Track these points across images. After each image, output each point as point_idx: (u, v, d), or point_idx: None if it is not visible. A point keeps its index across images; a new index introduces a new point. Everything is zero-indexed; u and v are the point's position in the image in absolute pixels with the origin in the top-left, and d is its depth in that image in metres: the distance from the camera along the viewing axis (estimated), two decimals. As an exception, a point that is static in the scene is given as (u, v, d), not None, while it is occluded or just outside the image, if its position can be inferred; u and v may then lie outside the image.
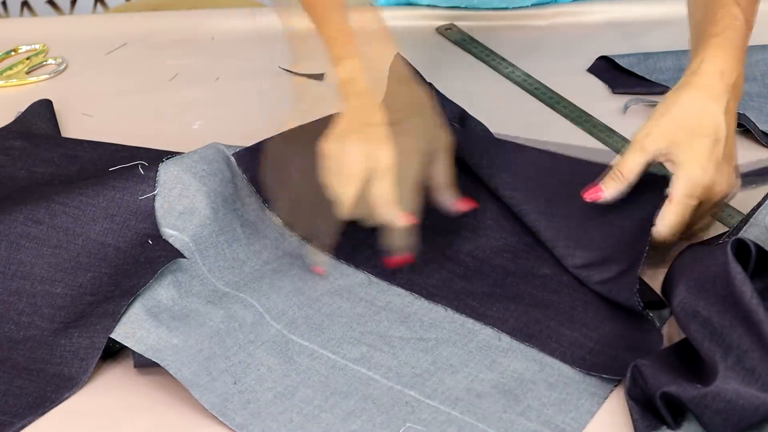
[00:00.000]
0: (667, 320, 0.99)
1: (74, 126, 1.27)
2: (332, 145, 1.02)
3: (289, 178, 1.08)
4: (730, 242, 0.92)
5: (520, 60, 1.38)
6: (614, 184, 1.06)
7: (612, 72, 1.36)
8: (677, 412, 0.88)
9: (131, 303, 0.95)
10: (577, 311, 1.00)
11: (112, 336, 0.93)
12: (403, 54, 1.28)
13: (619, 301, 1.00)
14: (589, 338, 0.97)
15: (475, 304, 1.01)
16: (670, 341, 0.96)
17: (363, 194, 1.02)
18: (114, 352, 0.95)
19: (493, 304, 1.01)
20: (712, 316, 0.90)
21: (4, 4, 2.59)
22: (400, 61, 1.08)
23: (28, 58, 1.40)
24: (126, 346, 0.94)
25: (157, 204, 1.02)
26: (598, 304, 1.01)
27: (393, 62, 1.08)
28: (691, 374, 0.89)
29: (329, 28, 1.08)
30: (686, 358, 0.92)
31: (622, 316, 0.99)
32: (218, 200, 1.04)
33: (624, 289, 0.99)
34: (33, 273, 1.00)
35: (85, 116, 1.29)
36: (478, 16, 1.45)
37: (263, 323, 0.98)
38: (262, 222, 1.08)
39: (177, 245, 1.00)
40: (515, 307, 1.00)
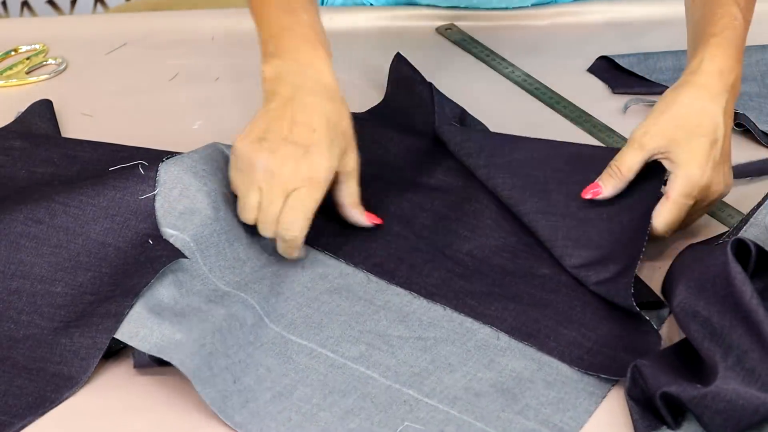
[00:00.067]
0: (667, 320, 0.99)
1: (74, 126, 1.27)
2: (244, 149, 1.01)
3: None
4: (730, 242, 0.92)
5: (520, 60, 1.38)
6: (612, 181, 1.06)
7: (612, 72, 1.36)
8: (677, 412, 0.88)
9: (133, 303, 0.95)
10: (575, 311, 1.00)
11: (116, 336, 0.93)
12: (403, 54, 1.29)
13: (617, 300, 1.00)
14: (587, 338, 0.97)
15: (473, 304, 1.00)
16: (670, 341, 0.96)
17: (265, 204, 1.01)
18: (114, 352, 0.95)
19: (492, 303, 1.01)
20: (712, 316, 0.90)
21: (4, 4, 2.59)
22: (327, 71, 1.05)
23: (28, 58, 1.40)
24: (126, 347, 0.95)
25: (158, 204, 1.02)
26: (597, 304, 1.01)
27: (321, 74, 1.05)
28: (691, 374, 0.89)
29: (270, 25, 1.07)
30: (686, 358, 0.92)
31: (620, 316, 0.99)
32: (219, 200, 1.04)
33: (621, 289, 0.99)
34: (33, 272, 1.00)
35: (85, 116, 1.29)
36: (478, 16, 1.45)
37: (263, 325, 0.97)
38: (262, 222, 1.08)
39: (178, 245, 1.00)
40: (514, 307, 1.00)
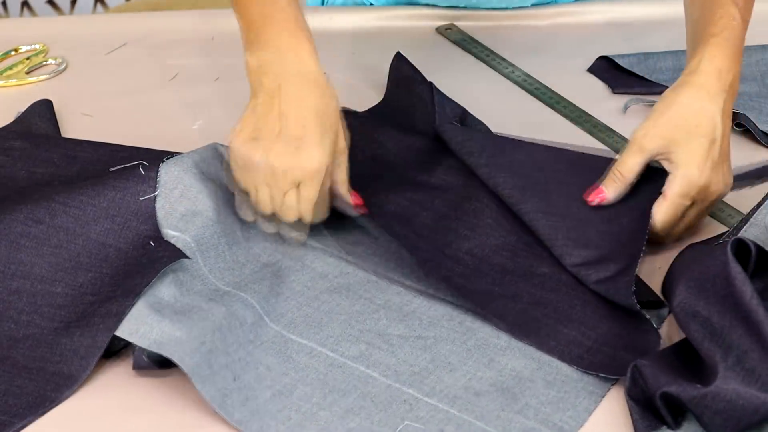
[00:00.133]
0: (667, 320, 0.99)
1: (74, 126, 1.27)
2: (241, 150, 1.01)
3: None
4: (730, 242, 0.92)
5: (520, 60, 1.38)
6: (615, 185, 1.06)
7: (612, 72, 1.36)
8: (677, 412, 0.88)
9: (134, 302, 0.94)
10: (575, 310, 1.00)
11: (116, 333, 0.93)
12: (403, 54, 1.29)
13: (617, 300, 0.99)
14: (587, 337, 0.97)
15: (473, 303, 1.00)
16: (670, 341, 0.96)
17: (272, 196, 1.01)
18: (115, 351, 0.95)
19: (492, 302, 1.01)
20: (712, 316, 0.90)
21: (4, 4, 2.59)
22: (309, 56, 1.04)
23: (28, 58, 1.40)
24: (126, 347, 0.95)
25: (158, 205, 1.02)
26: (597, 303, 1.01)
27: (303, 60, 1.04)
28: (691, 374, 0.89)
29: (251, 14, 1.06)
30: (686, 358, 0.91)
31: (620, 315, 0.99)
32: (219, 202, 1.04)
33: (621, 289, 0.99)
34: (33, 272, 1.00)
35: (85, 116, 1.29)
36: (478, 16, 1.45)
37: (263, 324, 0.97)
38: (261, 223, 1.08)
39: (179, 245, 1.00)
40: (514, 306, 1.00)
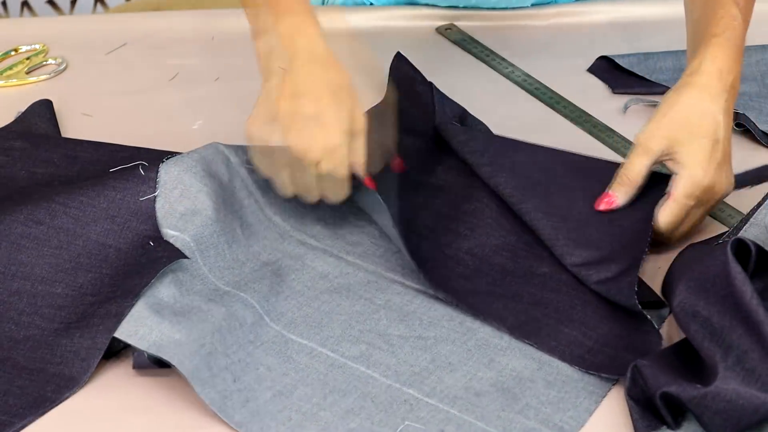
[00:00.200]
0: (667, 320, 0.99)
1: (74, 126, 1.27)
2: (259, 134, 1.02)
3: None
4: (730, 242, 0.92)
5: (520, 60, 1.38)
6: (624, 189, 1.06)
7: (612, 72, 1.36)
8: (677, 412, 0.88)
9: (133, 303, 0.94)
10: (576, 310, 1.00)
11: (115, 334, 0.93)
12: (403, 54, 1.29)
13: (618, 301, 0.99)
14: (588, 337, 0.97)
15: (474, 303, 1.00)
16: (670, 341, 0.96)
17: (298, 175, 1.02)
18: (115, 352, 0.95)
19: (492, 302, 1.00)
20: (712, 316, 0.90)
21: (4, 4, 2.59)
22: (317, 35, 1.05)
23: (28, 58, 1.40)
24: (126, 347, 0.95)
25: (158, 205, 1.02)
26: (597, 303, 1.01)
27: (311, 40, 1.04)
28: (691, 374, 0.89)
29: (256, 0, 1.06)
30: (686, 358, 0.91)
31: (621, 315, 0.99)
32: (219, 201, 1.04)
33: (623, 289, 0.99)
34: (33, 273, 1.00)
35: (85, 116, 1.29)
36: (478, 16, 1.45)
37: (263, 324, 0.97)
38: (260, 223, 1.08)
39: (178, 245, 1.00)
40: (514, 306, 1.00)
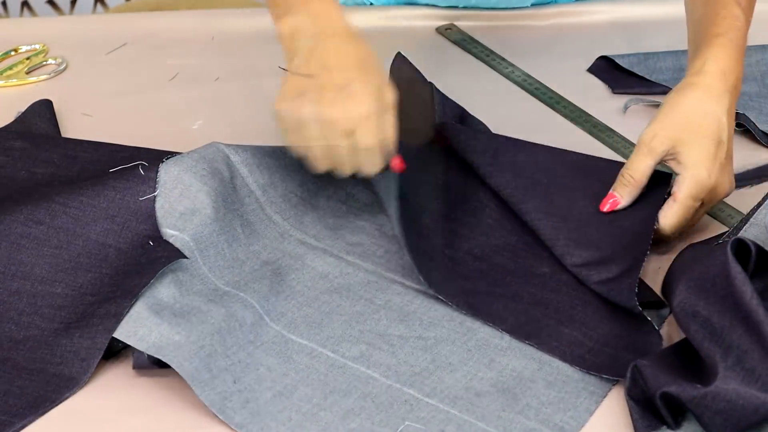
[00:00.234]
0: (667, 320, 0.99)
1: (74, 126, 1.27)
2: (288, 110, 1.01)
3: None
4: (730, 242, 0.92)
5: (520, 60, 1.38)
6: (627, 189, 1.06)
7: (612, 72, 1.36)
8: (677, 412, 0.88)
9: (133, 303, 0.94)
10: (576, 310, 1.00)
11: (114, 335, 0.93)
12: (403, 54, 1.29)
13: (619, 301, 0.99)
14: (588, 337, 0.97)
15: (474, 303, 1.00)
16: (670, 341, 0.96)
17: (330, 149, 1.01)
18: (115, 352, 0.95)
19: (493, 302, 1.00)
20: (712, 316, 0.90)
21: (4, 4, 2.59)
22: (340, 17, 1.04)
23: (28, 58, 1.40)
24: (126, 348, 0.95)
25: (158, 205, 1.02)
26: (598, 304, 1.01)
27: (335, 20, 1.04)
28: (691, 374, 0.89)
29: None
30: (686, 358, 0.91)
31: (621, 315, 0.99)
32: (219, 200, 1.04)
33: (624, 290, 0.99)
34: (33, 273, 1.00)
35: (85, 116, 1.29)
36: (478, 16, 1.45)
37: (263, 324, 0.97)
38: (261, 222, 1.08)
39: (178, 245, 1.00)
40: (514, 306, 1.00)
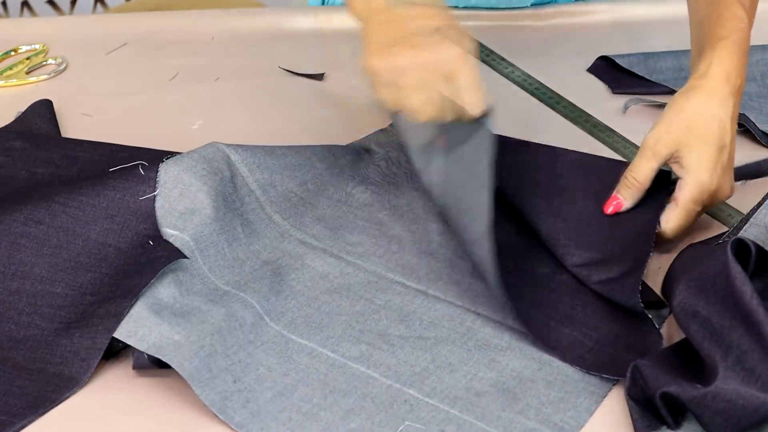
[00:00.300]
0: (667, 320, 0.99)
1: (74, 126, 1.27)
2: (382, 63, 1.00)
3: None
4: (730, 242, 0.92)
5: (520, 60, 1.38)
6: (631, 191, 1.06)
7: (612, 72, 1.36)
8: (677, 412, 0.88)
9: (133, 303, 0.95)
10: (576, 310, 1.00)
11: (115, 335, 0.93)
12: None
13: (620, 301, 0.99)
14: (588, 338, 0.97)
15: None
16: (670, 341, 0.96)
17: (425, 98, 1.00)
18: (115, 352, 0.95)
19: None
20: (712, 316, 0.90)
21: (4, 4, 2.59)
22: None
23: (28, 58, 1.40)
24: (126, 348, 0.95)
25: (158, 204, 1.02)
26: (598, 304, 1.01)
27: None
28: (691, 374, 0.89)
29: None
30: (686, 358, 0.91)
31: (621, 315, 0.99)
32: (219, 199, 1.04)
33: (626, 289, 0.99)
34: (33, 273, 1.00)
35: (85, 116, 1.29)
36: (478, 16, 1.45)
37: (263, 324, 0.97)
38: (261, 222, 1.08)
39: (177, 244, 1.00)
40: (514, 306, 1.00)
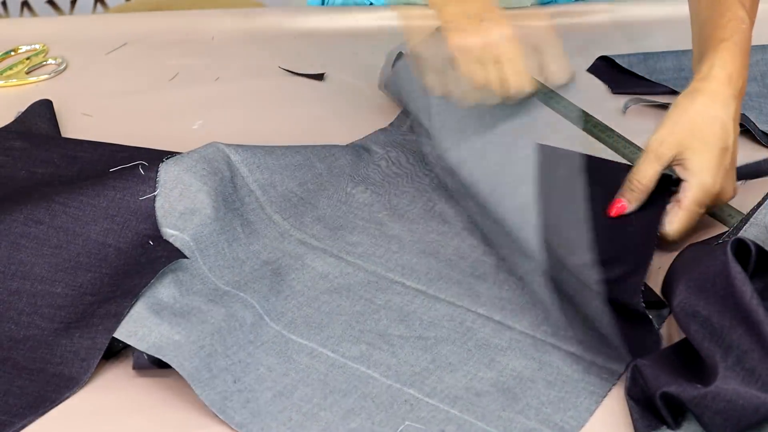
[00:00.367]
0: (667, 320, 0.99)
1: (74, 126, 1.27)
2: (470, 38, 1.02)
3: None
4: (730, 242, 0.92)
5: (520, 60, 1.37)
6: (635, 194, 1.06)
7: (612, 72, 1.36)
8: (677, 412, 0.88)
9: (133, 303, 0.95)
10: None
11: (115, 335, 0.93)
12: (403, 54, 1.29)
13: (621, 299, 0.99)
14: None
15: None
16: (670, 341, 0.96)
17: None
18: (115, 352, 0.95)
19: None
20: (712, 316, 0.90)
21: (4, 4, 2.59)
22: None
23: (28, 58, 1.40)
24: (126, 348, 0.95)
25: (158, 204, 1.03)
26: (598, 304, 1.01)
27: None
28: (691, 374, 0.89)
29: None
30: (686, 358, 0.91)
31: (622, 316, 0.99)
32: (219, 199, 1.04)
33: (628, 290, 0.99)
34: (33, 273, 1.00)
35: (85, 116, 1.29)
36: (479, 16, 1.45)
37: (263, 324, 0.97)
38: (261, 221, 1.08)
39: (177, 244, 1.00)
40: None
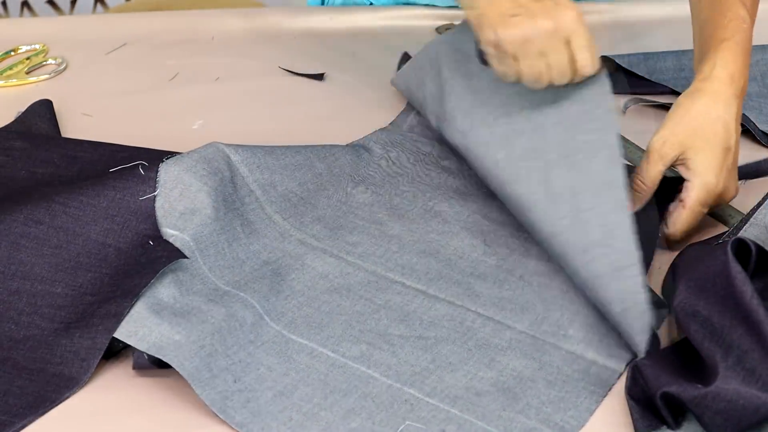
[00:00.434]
0: (667, 320, 0.99)
1: (74, 126, 1.27)
2: (508, 32, 1.00)
3: None
4: (730, 242, 0.92)
5: (520, 60, 1.37)
6: (639, 195, 1.07)
7: (612, 72, 1.35)
8: (677, 412, 0.88)
9: (133, 303, 0.95)
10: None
11: (115, 335, 0.93)
12: (409, 54, 1.29)
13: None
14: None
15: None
16: (670, 341, 0.96)
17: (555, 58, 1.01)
18: (115, 352, 0.95)
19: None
20: (712, 316, 0.90)
21: (4, 4, 2.59)
22: None
23: (28, 58, 1.40)
24: (126, 348, 0.95)
25: (158, 204, 1.03)
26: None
27: None
28: (691, 374, 0.89)
29: None
30: (686, 358, 0.92)
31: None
32: (219, 199, 1.04)
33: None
34: (33, 273, 1.00)
35: (85, 116, 1.29)
36: (479, 17, 1.45)
37: (263, 324, 0.97)
38: (261, 222, 1.08)
39: (178, 244, 1.00)
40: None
